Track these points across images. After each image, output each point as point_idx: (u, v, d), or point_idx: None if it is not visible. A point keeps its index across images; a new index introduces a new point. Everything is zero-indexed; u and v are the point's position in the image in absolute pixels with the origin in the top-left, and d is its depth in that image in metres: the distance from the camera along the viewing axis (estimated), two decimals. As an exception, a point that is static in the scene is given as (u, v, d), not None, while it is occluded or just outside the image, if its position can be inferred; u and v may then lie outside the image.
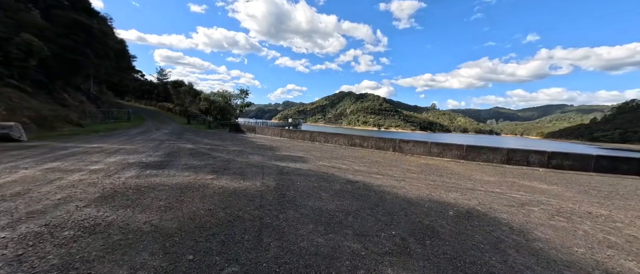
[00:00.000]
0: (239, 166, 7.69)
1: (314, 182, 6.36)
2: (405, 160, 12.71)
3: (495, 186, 7.53)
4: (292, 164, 8.90)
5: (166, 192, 4.69)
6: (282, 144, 15.97)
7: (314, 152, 13.09)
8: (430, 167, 10.54)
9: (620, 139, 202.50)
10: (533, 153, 13.02)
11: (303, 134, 20.91)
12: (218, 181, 5.85)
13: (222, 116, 37.38)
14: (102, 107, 24.92)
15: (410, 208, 4.90)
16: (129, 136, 14.79)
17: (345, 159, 11.29)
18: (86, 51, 18.89)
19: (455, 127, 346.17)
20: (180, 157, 8.45)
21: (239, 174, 6.71)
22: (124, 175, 5.70)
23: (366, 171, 8.53)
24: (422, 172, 9.29)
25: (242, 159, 9.06)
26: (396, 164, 10.96)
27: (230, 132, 24.67)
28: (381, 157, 13.22)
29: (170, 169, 6.69)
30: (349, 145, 17.88)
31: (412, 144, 15.48)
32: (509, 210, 5.19)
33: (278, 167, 8.02)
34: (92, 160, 7.08)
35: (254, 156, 10.04)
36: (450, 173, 9.47)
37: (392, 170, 9.19)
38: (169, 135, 16.45)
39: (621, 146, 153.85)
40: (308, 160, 10.08)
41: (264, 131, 24.01)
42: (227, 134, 21.30)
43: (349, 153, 13.80)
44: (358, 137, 17.71)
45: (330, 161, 10.17)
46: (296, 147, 14.63)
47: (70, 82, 21.10)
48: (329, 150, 14.65)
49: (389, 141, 16.35)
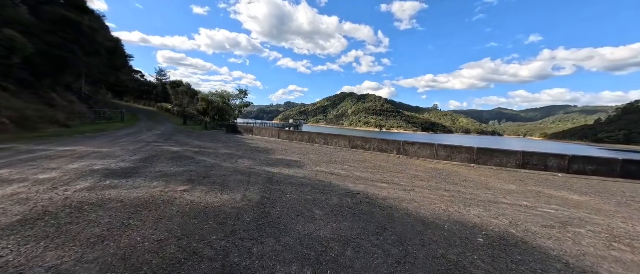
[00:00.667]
0: (222, 174, 6.66)
1: (307, 195, 5.32)
2: (411, 164, 11.63)
3: (521, 197, 6.44)
4: (286, 170, 7.86)
5: (113, 213, 3.67)
6: (279, 147, 14.94)
7: (312, 155, 12.05)
8: (439, 173, 9.45)
9: (625, 141, 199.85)
10: (551, 157, 11.89)
11: (302, 135, 19.89)
12: (190, 193, 4.82)
13: (220, 117, 36.45)
14: (94, 107, 24.05)
15: (427, 231, 3.84)
16: (115, 137, 13.84)
17: (346, 163, 10.24)
18: (74, 48, 18.01)
19: (457, 128, 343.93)
20: (157, 163, 7.44)
21: (219, 184, 5.67)
22: (74, 187, 4.69)
23: (369, 179, 7.47)
24: (432, 179, 8.22)
25: (228, 165, 8.03)
26: (402, 169, 9.89)
27: (227, 134, 23.72)
28: (384, 161, 12.15)
29: (138, 178, 5.68)
30: (350, 147, 16.82)
31: (417, 146, 14.39)
32: (551, 234, 4.11)
33: (268, 175, 6.98)
34: (49, 167, 6.09)
35: (244, 161, 9.01)
36: (463, 180, 8.39)
37: (397, 177, 8.12)
38: (158, 136, 15.48)
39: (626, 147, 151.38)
40: (304, 165, 9.04)
41: (262, 132, 23.02)
42: (222, 136, 20.31)
43: (350, 156, 12.75)
44: (360, 139, 16.65)
45: (329, 166, 9.12)
46: (293, 150, 13.59)
47: (59, 81, 20.25)
48: (328, 153, 13.61)
49: (393, 143, 15.27)
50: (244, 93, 41.89)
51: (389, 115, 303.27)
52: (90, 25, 19.12)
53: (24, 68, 17.78)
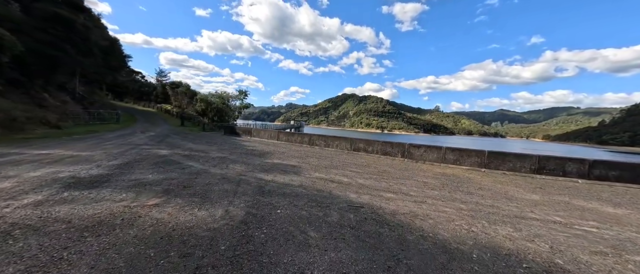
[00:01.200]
0: (206, 182, 5.85)
1: (302, 209, 4.50)
2: (418, 169, 10.77)
3: (550, 211, 5.58)
4: (281, 177, 7.05)
5: (50, 239, 2.86)
6: (277, 149, 14.14)
7: (312, 159, 11.23)
8: (450, 180, 8.60)
9: (630, 142, 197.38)
10: (570, 162, 10.98)
11: (302, 137, 19.09)
12: (160, 209, 4.02)
13: (219, 118, 35.76)
14: (89, 108, 23.43)
15: (452, 264, 3.00)
16: (103, 139, 13.10)
17: (348, 168, 9.42)
18: (66, 47, 17.38)
19: (459, 129, 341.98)
20: (136, 169, 6.65)
21: (199, 195, 4.87)
22: (20, 201, 3.91)
23: (373, 187, 6.64)
24: (444, 186, 7.37)
25: (217, 171, 7.23)
26: (408, 175, 9.04)
27: (225, 135, 23.00)
28: (389, 165, 11.30)
29: (105, 188, 4.89)
30: (351, 150, 15.99)
31: (423, 149, 13.53)
32: (608, 264, 3.26)
33: (260, 183, 6.17)
34: (7, 174, 5.31)
35: (236, 166, 8.21)
36: (477, 188, 7.53)
37: (405, 184, 7.28)
38: (150, 138, 14.74)
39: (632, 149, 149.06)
40: (302, 171, 8.22)
41: (260, 133, 22.25)
42: (219, 137, 19.56)
43: (352, 160, 11.91)
44: (362, 141, 15.82)
45: (329, 172, 8.30)
46: (291, 154, 12.78)
47: (51, 81, 19.63)
48: (329, 156, 12.79)
49: (397, 146, 14.42)
50: (244, 94, 41.24)
51: (391, 116, 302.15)
52: (83, 23, 18.51)
53: (14, 67, 17.16)
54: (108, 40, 24.89)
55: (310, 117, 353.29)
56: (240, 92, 40.95)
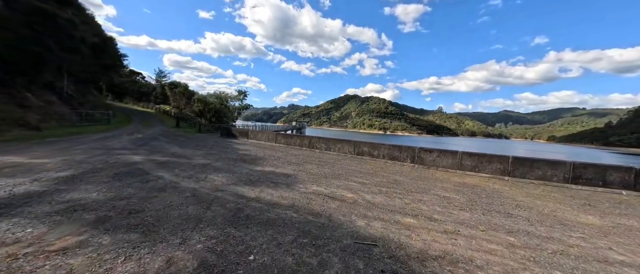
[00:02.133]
0: (166, 204, 4.42)
1: (286, 252, 3.06)
2: (433, 178, 9.27)
3: (632, 244, 4.08)
4: (268, 192, 5.62)
5: None
6: (273, 153, 12.72)
7: (310, 165, 9.79)
8: (475, 193, 7.10)
9: (638, 144, 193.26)
10: (611, 170, 9.40)
11: (301, 139, 17.67)
12: (64, 258, 2.61)
13: (217, 119, 34.51)
14: (78, 108, 22.24)
15: None
16: (77, 143, 11.79)
17: (352, 177, 7.97)
18: (48, 43, 16.18)
19: (462, 130, 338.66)
20: (84, 184, 5.25)
21: (144, 227, 3.44)
22: None
23: (386, 207, 5.18)
24: (473, 204, 5.89)
25: (190, 184, 5.82)
26: (424, 186, 7.56)
27: (221, 137, 21.69)
28: (398, 172, 9.81)
29: (15, 216, 3.49)
30: (355, 154, 14.52)
31: (436, 154, 12.02)
32: None
33: (239, 204, 4.74)
34: None
35: (217, 176, 6.79)
36: (515, 206, 6.03)
37: (424, 201, 5.81)
38: (133, 141, 13.41)
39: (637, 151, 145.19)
40: (296, 182, 6.78)
41: (258, 135, 20.87)
42: (212, 140, 18.20)
43: (356, 166, 10.45)
44: (366, 144, 14.34)
45: (330, 184, 6.85)
46: (288, 158, 11.35)
47: (37, 79, 18.47)
48: (330, 162, 11.34)
49: (406, 150, 12.92)
50: (243, 94, 39.96)
51: (393, 117, 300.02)
52: (68, 18, 17.32)
53: (-8, 64, 16.00)
54: (99, 37, 23.71)
55: (312, 118, 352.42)
56: (239, 93, 39.68)
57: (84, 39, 19.40)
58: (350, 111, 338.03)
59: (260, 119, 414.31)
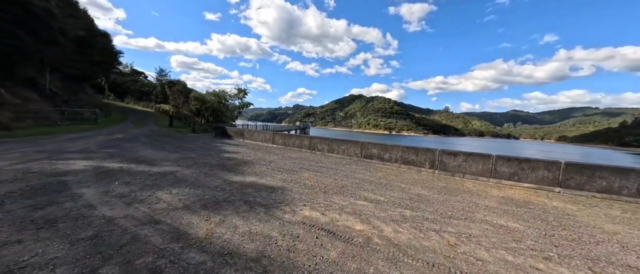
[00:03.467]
0: (30, 254, 2.49)
1: None
2: (463, 189, 7.15)
3: None
4: (231, 224, 3.63)
5: None
6: (265, 156, 10.75)
7: (307, 173, 7.78)
8: (539, 217, 4.97)
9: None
10: None
11: (301, 140, 15.68)
12: None
13: (215, 118, 32.87)
14: (62, 106, 20.79)
15: None
16: (34, 144, 10.05)
17: (359, 191, 5.93)
18: (18, 33, 14.60)
19: (470, 130, 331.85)
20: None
21: None
22: None
23: (419, 251, 3.14)
24: (553, 243, 3.78)
25: (112, 210, 3.87)
26: (462, 205, 5.46)
27: (215, 137, 19.93)
28: (418, 182, 7.71)
29: None
30: (361, 157, 12.44)
31: (462, 158, 9.83)
32: None
33: (165, 252, 2.77)
34: None
35: (168, 194, 4.83)
36: (606, 240, 3.91)
37: (474, 235, 3.73)
38: (103, 143, 11.62)
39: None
40: (281, 203, 4.77)
41: (254, 135, 18.97)
42: (200, 141, 16.38)
43: (364, 173, 8.37)
44: (375, 145, 12.23)
45: (329, 204, 4.83)
46: (282, 163, 9.35)
47: (13, 74, 16.99)
48: (332, 167, 9.30)
49: (424, 153, 10.77)
50: (243, 92, 38.18)
51: (398, 117, 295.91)
52: (45, 8, 15.75)
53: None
54: (87, 31, 22.19)
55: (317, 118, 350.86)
56: (239, 91, 37.93)
57: (65, 31, 17.82)
58: (355, 111, 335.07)
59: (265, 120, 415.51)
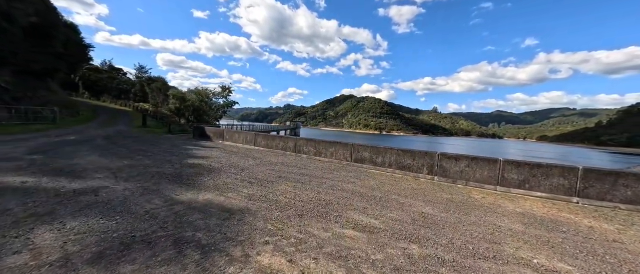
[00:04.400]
0: None
1: None
2: (472, 202, 5.89)
3: None
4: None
5: None
6: (240, 162, 9.14)
7: (284, 184, 6.29)
8: (586, 250, 3.72)
9: (628, 143, 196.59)
10: None
11: (285, 142, 14.13)
12: None
13: (196, 118, 30.60)
14: (13, 103, 18.20)
15: None
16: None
17: (348, 211, 4.50)
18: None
19: (457, 130, 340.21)
20: None
21: None
22: None
23: None
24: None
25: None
26: (479, 230, 4.15)
27: (193, 139, 18.08)
28: (419, 193, 6.39)
29: None
30: (352, 161, 11.07)
31: (464, 162, 8.63)
32: None
33: None
34: None
35: (47, 231, 3.25)
36: None
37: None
38: (36, 148, 9.65)
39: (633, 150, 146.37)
40: (230, 240, 3.26)
41: (234, 136, 17.26)
42: (170, 143, 14.50)
43: (354, 183, 6.96)
44: (367, 148, 10.89)
45: (304, 239, 3.37)
46: (257, 171, 7.79)
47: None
48: (316, 175, 7.84)
49: (421, 157, 9.51)
50: (228, 90, 35.98)
51: (389, 117, 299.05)
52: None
53: None
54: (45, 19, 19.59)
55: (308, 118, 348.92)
56: (223, 89, 35.69)
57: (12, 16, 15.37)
58: (346, 111, 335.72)
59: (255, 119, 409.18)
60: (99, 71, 58.79)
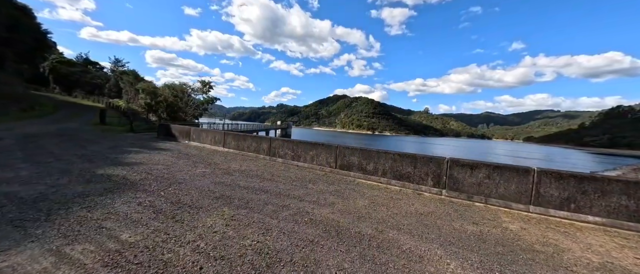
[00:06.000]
0: None
1: None
2: (522, 246, 3.65)
3: None
4: None
5: None
6: (183, 170, 6.64)
7: (214, 219, 3.87)
8: None
9: (609, 144, 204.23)
10: None
11: (258, 143, 11.67)
12: None
13: (170, 115, 27.55)
14: None
15: None
16: None
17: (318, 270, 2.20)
18: None
19: (448, 131, 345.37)
20: None
21: None
22: None
23: None
24: None
25: None
26: None
27: (157, 138, 15.45)
28: (428, 219, 4.13)
29: None
30: (337, 167, 8.75)
31: (483, 172, 6.42)
32: None
33: None
34: None
35: None
36: None
37: None
38: None
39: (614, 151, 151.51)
40: None
41: (201, 136, 14.66)
42: (111, 144, 11.78)
43: (333, 206, 4.57)
44: (356, 151, 8.56)
45: None
46: (197, 186, 5.33)
47: None
48: (283, 190, 5.47)
49: (424, 163, 7.28)
50: (208, 85, 33.00)
51: (381, 117, 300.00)
52: None
53: None
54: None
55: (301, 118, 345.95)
56: (203, 84, 32.67)
57: None
58: (338, 110, 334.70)
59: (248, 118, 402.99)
60: (72, 64, 54.05)
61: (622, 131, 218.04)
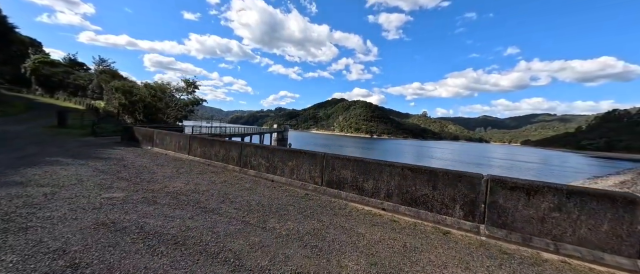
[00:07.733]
0: None
1: None
2: None
3: None
4: None
5: None
6: (76, 203, 4.17)
7: None
8: None
9: (606, 147, 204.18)
10: None
11: (227, 150, 9.18)
12: None
13: (148, 117, 24.95)
14: None
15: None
16: None
17: None
18: None
19: (446, 134, 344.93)
20: None
21: None
22: None
23: None
24: None
25: None
26: None
27: (121, 142, 13.04)
28: None
29: None
30: (323, 184, 6.30)
31: (548, 200, 3.99)
32: None
33: None
34: None
35: None
36: None
37: None
38: None
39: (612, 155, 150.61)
40: None
41: (165, 140, 12.16)
42: (51, 150, 9.23)
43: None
44: (349, 163, 6.10)
45: None
46: (61, 244, 2.89)
47: None
48: (213, 242, 2.99)
49: (450, 182, 4.82)
50: (193, 85, 30.43)
51: (379, 121, 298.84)
52: None
53: None
54: None
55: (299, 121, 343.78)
56: (187, 84, 30.11)
57: None
58: (337, 114, 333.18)
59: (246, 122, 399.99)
60: (55, 64, 51.13)
61: (618, 135, 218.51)
